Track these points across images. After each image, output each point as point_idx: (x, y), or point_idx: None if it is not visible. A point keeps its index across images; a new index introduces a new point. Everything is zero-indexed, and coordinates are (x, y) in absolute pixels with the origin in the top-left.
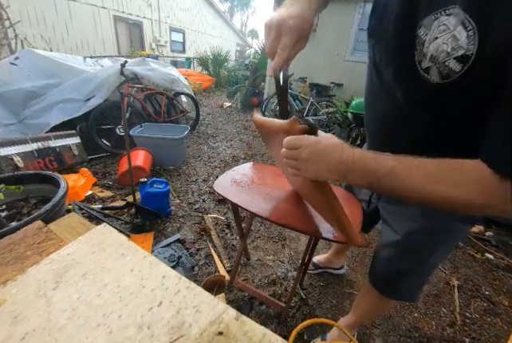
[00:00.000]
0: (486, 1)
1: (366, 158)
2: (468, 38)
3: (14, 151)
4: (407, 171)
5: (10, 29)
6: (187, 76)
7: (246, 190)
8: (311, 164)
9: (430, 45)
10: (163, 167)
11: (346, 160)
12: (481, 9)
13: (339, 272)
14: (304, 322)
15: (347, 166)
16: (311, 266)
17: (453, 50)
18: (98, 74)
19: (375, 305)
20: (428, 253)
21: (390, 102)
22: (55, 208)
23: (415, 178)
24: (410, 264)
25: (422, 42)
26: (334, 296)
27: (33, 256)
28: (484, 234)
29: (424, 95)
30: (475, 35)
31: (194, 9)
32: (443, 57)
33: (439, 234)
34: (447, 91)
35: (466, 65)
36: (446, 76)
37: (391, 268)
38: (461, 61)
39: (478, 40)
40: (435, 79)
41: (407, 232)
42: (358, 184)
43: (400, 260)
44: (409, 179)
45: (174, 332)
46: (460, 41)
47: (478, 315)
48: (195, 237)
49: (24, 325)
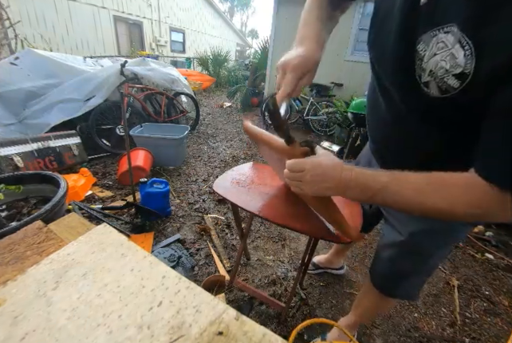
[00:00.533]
0: (482, 22)
1: (363, 175)
2: (465, 57)
3: (14, 151)
4: (398, 186)
5: (10, 29)
6: (187, 76)
7: (245, 190)
8: (313, 185)
9: (429, 60)
10: (163, 167)
11: (344, 179)
12: (477, 30)
13: (339, 272)
14: (304, 322)
15: (345, 184)
16: (311, 266)
17: (451, 68)
18: (98, 74)
19: (375, 304)
20: (430, 253)
21: (391, 110)
22: (55, 208)
23: (405, 193)
24: (412, 264)
25: (421, 57)
26: (334, 296)
27: (33, 256)
28: (484, 234)
29: (424, 107)
30: (472, 55)
31: (194, 9)
32: (442, 73)
33: (441, 234)
34: (446, 105)
35: (464, 82)
36: (445, 91)
37: (393, 268)
38: (459, 78)
39: (475, 59)
40: (434, 93)
41: (410, 233)
42: (356, 199)
43: (403, 260)
44: (399, 194)
45: (174, 332)
46: (458, 59)
47: (478, 315)
48: (195, 237)
49: (24, 325)
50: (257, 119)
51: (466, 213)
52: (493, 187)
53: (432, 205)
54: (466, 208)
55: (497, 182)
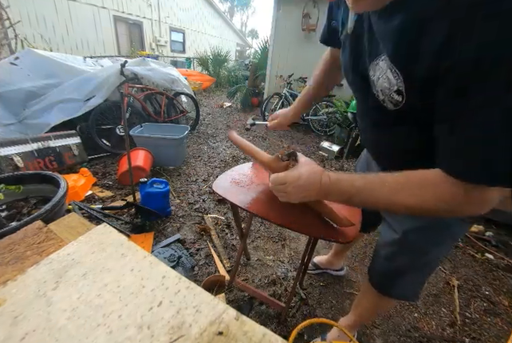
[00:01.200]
0: (403, 51)
1: (339, 181)
2: (395, 78)
3: (14, 151)
4: (371, 189)
5: (10, 29)
6: (187, 76)
7: (245, 190)
8: (296, 195)
9: (377, 83)
10: (163, 167)
11: (324, 185)
12: (398, 56)
13: (339, 273)
14: (304, 322)
15: (325, 189)
16: (311, 267)
17: (391, 86)
18: (98, 74)
19: (374, 304)
20: (426, 250)
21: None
22: (55, 208)
23: (379, 195)
24: (408, 262)
25: (372, 81)
26: (334, 296)
27: (33, 256)
28: (484, 234)
29: (390, 116)
30: (399, 76)
31: (194, 9)
32: (387, 92)
33: (435, 232)
34: (402, 114)
35: (403, 97)
36: (395, 104)
37: (389, 266)
38: (399, 93)
39: (402, 79)
40: (390, 107)
41: (404, 231)
42: (336, 201)
43: (399, 258)
44: (373, 196)
45: (174, 332)
46: (391, 80)
47: (478, 315)
48: (195, 237)
49: (24, 325)
50: (256, 119)
51: (438, 208)
52: (458, 184)
53: (404, 202)
54: (436, 203)
55: (462, 178)
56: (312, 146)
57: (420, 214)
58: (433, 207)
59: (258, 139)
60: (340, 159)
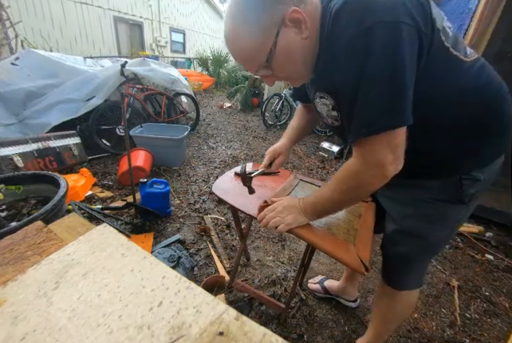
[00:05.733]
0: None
1: (307, 201)
2: (328, 99)
3: (14, 151)
4: (319, 198)
5: (10, 29)
6: (187, 77)
7: (244, 192)
8: (287, 213)
9: (318, 108)
10: (163, 168)
11: (301, 204)
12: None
13: (351, 304)
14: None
15: (303, 207)
16: (320, 289)
17: (328, 107)
18: (98, 74)
19: (391, 305)
20: (425, 236)
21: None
22: (55, 208)
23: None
24: (413, 247)
25: (315, 107)
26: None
27: (34, 256)
28: (484, 234)
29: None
30: (329, 97)
31: (194, 9)
32: (327, 113)
33: (428, 216)
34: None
35: (338, 112)
36: (336, 120)
37: (395, 255)
38: (333, 109)
39: (332, 99)
40: (335, 123)
41: (403, 218)
42: (315, 215)
43: (402, 245)
44: (321, 203)
45: (174, 332)
46: (327, 101)
47: (478, 316)
48: (195, 237)
49: (24, 326)
50: (256, 119)
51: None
52: (356, 156)
53: (339, 194)
54: (348, 182)
55: (353, 140)
56: (312, 146)
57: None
58: (353, 186)
59: (258, 139)
60: (340, 159)
